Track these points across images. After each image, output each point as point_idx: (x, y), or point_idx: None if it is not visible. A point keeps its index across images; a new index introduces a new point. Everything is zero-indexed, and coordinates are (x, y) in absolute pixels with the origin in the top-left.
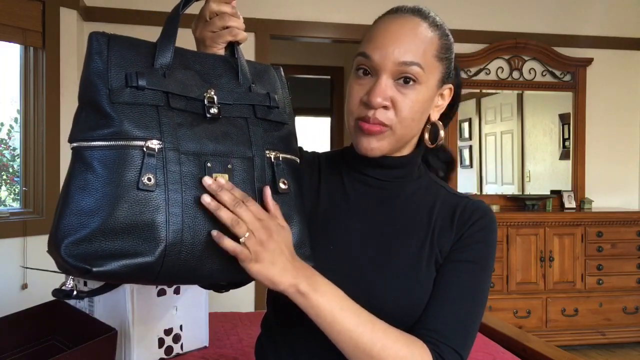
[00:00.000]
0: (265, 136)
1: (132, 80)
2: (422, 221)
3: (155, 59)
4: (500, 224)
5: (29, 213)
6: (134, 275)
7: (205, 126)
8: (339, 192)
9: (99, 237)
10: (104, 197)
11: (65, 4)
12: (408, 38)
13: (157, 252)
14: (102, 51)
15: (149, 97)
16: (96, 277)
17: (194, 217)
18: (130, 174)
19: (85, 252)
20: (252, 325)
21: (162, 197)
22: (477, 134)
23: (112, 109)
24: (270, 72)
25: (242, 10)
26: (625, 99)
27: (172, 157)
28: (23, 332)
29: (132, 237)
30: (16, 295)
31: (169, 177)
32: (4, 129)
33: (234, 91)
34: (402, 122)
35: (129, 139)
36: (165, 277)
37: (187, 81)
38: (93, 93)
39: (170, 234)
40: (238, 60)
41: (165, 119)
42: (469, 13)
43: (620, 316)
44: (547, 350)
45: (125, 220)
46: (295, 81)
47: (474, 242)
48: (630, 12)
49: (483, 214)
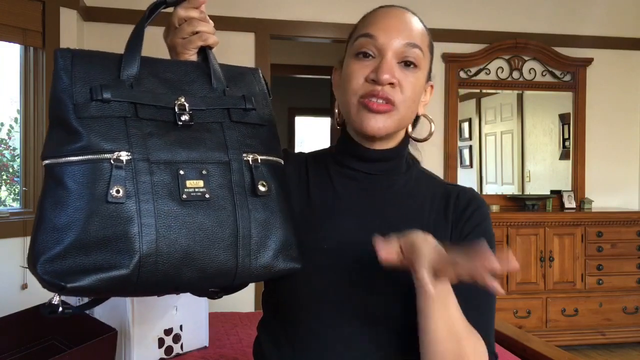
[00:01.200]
0: (242, 139)
1: (97, 94)
2: (414, 214)
3: (122, 70)
4: (500, 224)
5: (29, 213)
6: (110, 289)
7: (177, 134)
8: (328, 190)
9: (72, 253)
10: (75, 212)
11: (65, 4)
12: (410, 24)
13: (132, 264)
14: (67, 67)
15: (116, 109)
16: (72, 293)
17: (168, 226)
18: (100, 187)
19: (59, 269)
20: (252, 325)
21: (134, 208)
22: (477, 134)
23: (78, 123)
24: (247, 74)
25: (242, 10)
26: (625, 99)
27: (142, 168)
28: (23, 332)
29: (106, 250)
30: (16, 295)
31: (140, 187)
32: (4, 129)
33: (206, 96)
34: (406, 102)
35: (97, 152)
36: (143, 288)
37: (156, 90)
38: (60, 110)
39: (144, 244)
40: (210, 64)
41: (134, 129)
42: (469, 13)
43: (620, 316)
44: (547, 350)
45: (97, 233)
46: (295, 81)
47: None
48: (630, 12)
49: (477, 206)
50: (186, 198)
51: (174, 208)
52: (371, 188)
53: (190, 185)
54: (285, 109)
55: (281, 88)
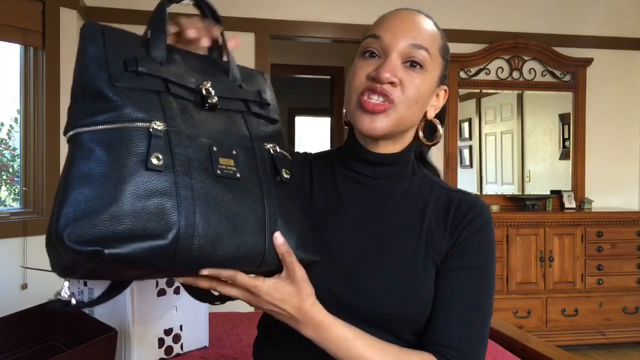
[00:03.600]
0: (261, 130)
1: (132, 65)
2: (415, 220)
3: (150, 51)
4: (500, 224)
5: (29, 213)
6: (146, 261)
7: (204, 115)
8: (331, 192)
9: (107, 222)
10: (109, 181)
11: (65, 4)
12: (419, 25)
13: (170, 235)
14: (97, 39)
15: (149, 83)
16: (107, 260)
17: (205, 201)
18: (135, 155)
19: (95, 235)
20: (252, 325)
21: (172, 180)
22: (477, 134)
23: (113, 91)
24: (258, 75)
25: (242, 10)
26: (625, 99)
27: (178, 140)
28: (23, 332)
29: (143, 220)
30: (16, 295)
31: (176, 159)
32: (4, 129)
33: (227, 85)
34: (407, 102)
35: (133, 121)
36: (177, 263)
37: (182, 73)
38: (91, 79)
39: (183, 217)
40: (230, 59)
41: (167, 103)
42: (469, 13)
43: (620, 316)
44: (547, 350)
45: (133, 203)
46: (295, 81)
47: (474, 245)
48: (630, 12)
49: (479, 212)
50: (220, 174)
51: (209, 183)
52: (374, 191)
53: (222, 163)
54: (285, 109)
55: (281, 88)
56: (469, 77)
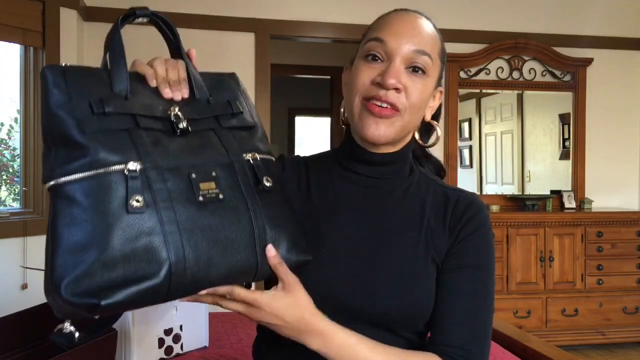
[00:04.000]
0: (236, 142)
1: (98, 107)
2: (414, 219)
3: (113, 85)
4: (500, 224)
5: (29, 213)
6: (143, 301)
7: (178, 142)
8: (329, 193)
9: (99, 270)
10: (95, 229)
11: (65, 4)
12: (422, 30)
13: (163, 273)
14: (59, 83)
15: (118, 122)
16: (105, 310)
17: (191, 231)
18: (116, 200)
19: (89, 287)
20: (252, 325)
21: (155, 218)
22: (477, 134)
23: (83, 138)
24: (227, 80)
25: (242, 10)
26: (625, 99)
27: (155, 176)
28: (23, 332)
29: (134, 263)
30: (16, 295)
31: (157, 195)
32: (4, 129)
33: (194, 105)
34: (411, 108)
35: (108, 165)
36: (174, 295)
37: (149, 102)
38: (60, 126)
39: (172, 252)
40: (190, 75)
41: (139, 139)
42: (469, 13)
43: (620, 316)
44: (547, 350)
45: (122, 247)
46: (295, 81)
47: (473, 244)
48: (630, 12)
49: (477, 210)
50: (203, 200)
51: (193, 212)
52: (373, 191)
53: (204, 188)
54: (285, 109)
55: (281, 88)
56: (469, 77)
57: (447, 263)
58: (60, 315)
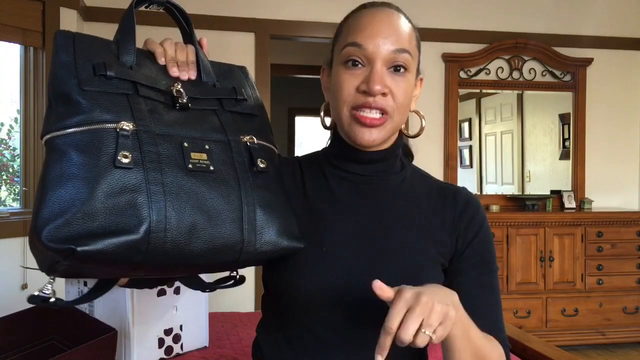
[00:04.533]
0: (236, 125)
1: (100, 70)
2: (410, 213)
3: (119, 55)
4: (500, 224)
5: (29, 213)
6: (119, 255)
7: (175, 114)
8: (324, 192)
9: (80, 220)
10: (81, 182)
11: (65, 4)
12: (398, 27)
13: (142, 229)
14: (67, 46)
15: (118, 86)
16: (81, 258)
17: (176, 194)
18: (105, 155)
19: (68, 234)
20: (252, 325)
21: (142, 176)
22: (477, 134)
23: (82, 96)
24: (237, 71)
25: (242, 10)
26: (625, 99)
27: (147, 139)
28: (23, 332)
29: (115, 216)
30: (16, 295)
31: (146, 156)
32: (4, 129)
33: (199, 87)
34: (399, 109)
35: (101, 123)
36: (152, 257)
37: (153, 75)
38: (61, 85)
39: (154, 212)
40: (199, 60)
41: (136, 104)
42: (469, 13)
43: (620, 316)
44: (547, 350)
45: (105, 201)
46: (295, 81)
47: (481, 244)
48: (631, 12)
49: (475, 207)
50: (192, 168)
51: (181, 177)
52: (367, 189)
53: (194, 157)
54: (285, 109)
55: (281, 88)
56: (469, 77)
57: (461, 264)
58: (44, 268)
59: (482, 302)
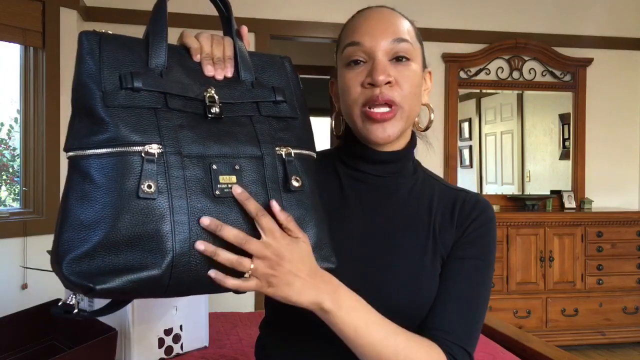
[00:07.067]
0: (273, 133)
1: (128, 82)
2: (421, 217)
3: (149, 58)
4: (500, 224)
5: (29, 213)
6: (140, 291)
7: (207, 127)
8: (336, 191)
9: (101, 252)
10: (104, 208)
11: (65, 4)
12: (393, 21)
13: (164, 264)
14: (93, 51)
15: (146, 99)
16: (100, 295)
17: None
18: (130, 182)
19: (88, 269)
20: (252, 325)
21: (166, 205)
22: (477, 134)
23: (106, 113)
24: (277, 63)
25: (242, 10)
26: (625, 99)
27: (174, 162)
28: (23, 332)
29: (137, 249)
30: (16, 295)
31: (172, 182)
32: (4, 129)
33: (235, 89)
34: (407, 98)
35: (126, 145)
36: (174, 290)
37: (185, 80)
38: (86, 97)
39: (177, 244)
40: (238, 56)
41: (164, 121)
42: (469, 13)
43: (620, 316)
44: (547, 350)
45: (128, 232)
46: None
47: (477, 237)
48: (631, 12)
49: (483, 208)
50: (219, 194)
51: (207, 205)
52: (379, 190)
53: (223, 181)
54: None
55: None
56: (469, 77)
57: (450, 253)
58: (66, 287)
59: (453, 294)
